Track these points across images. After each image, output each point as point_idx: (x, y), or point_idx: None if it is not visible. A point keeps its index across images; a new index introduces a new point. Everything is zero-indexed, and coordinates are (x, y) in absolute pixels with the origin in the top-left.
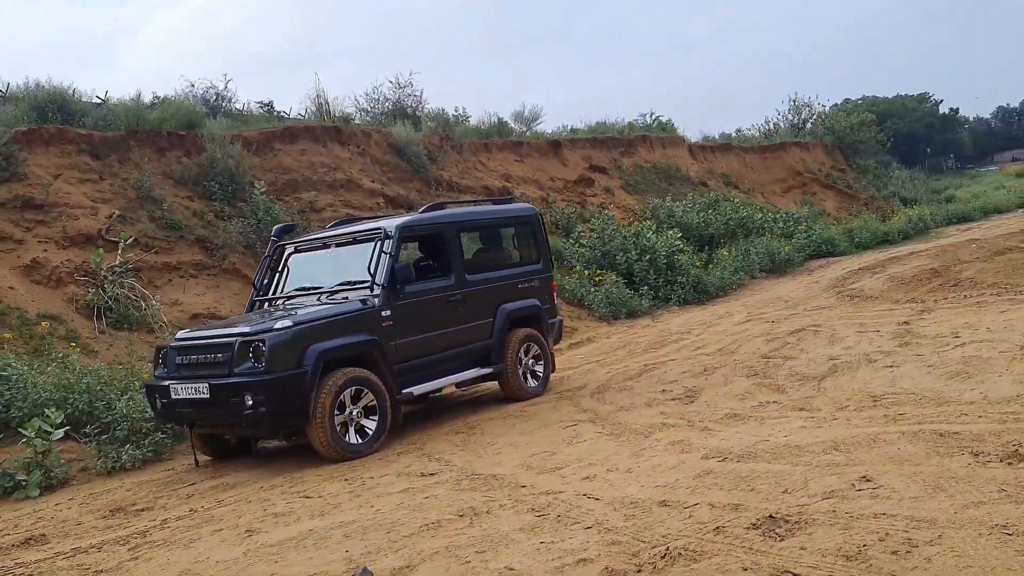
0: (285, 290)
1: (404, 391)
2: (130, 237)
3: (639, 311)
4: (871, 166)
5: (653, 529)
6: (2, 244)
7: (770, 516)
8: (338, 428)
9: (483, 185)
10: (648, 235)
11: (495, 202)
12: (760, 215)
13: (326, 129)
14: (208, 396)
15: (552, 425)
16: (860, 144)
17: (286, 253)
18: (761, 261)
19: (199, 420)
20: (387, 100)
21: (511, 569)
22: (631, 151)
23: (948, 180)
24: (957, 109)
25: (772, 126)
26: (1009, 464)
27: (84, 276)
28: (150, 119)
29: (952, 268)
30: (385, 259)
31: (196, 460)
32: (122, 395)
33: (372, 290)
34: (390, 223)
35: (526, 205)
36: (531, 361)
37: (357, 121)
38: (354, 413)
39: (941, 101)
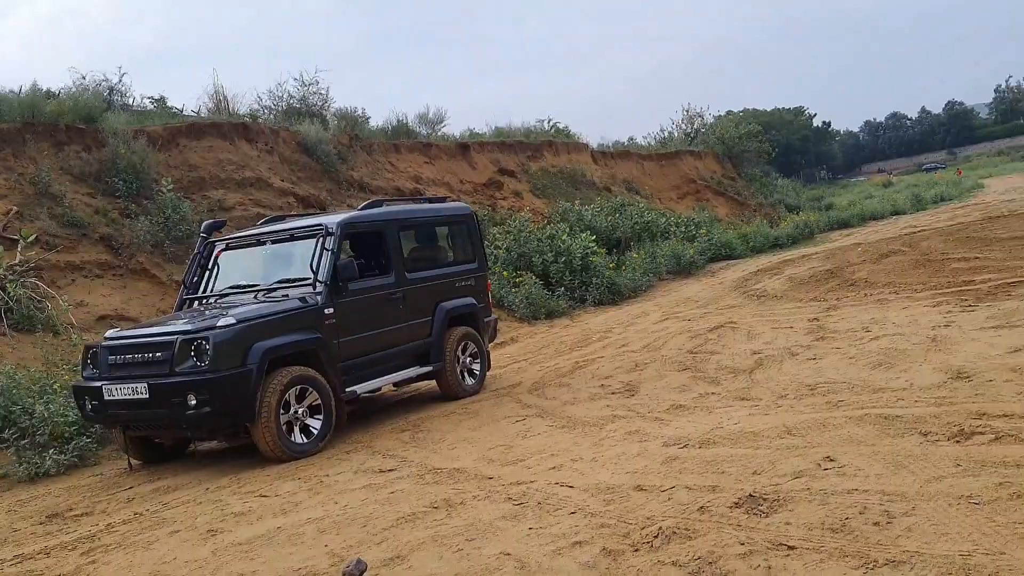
0: (216, 288)
1: (348, 390)
2: (32, 234)
3: (557, 311)
4: (757, 175)
5: (636, 512)
6: None
7: (750, 495)
8: (283, 427)
9: (394, 186)
10: (563, 237)
11: (430, 201)
12: (664, 219)
13: (234, 126)
14: (147, 397)
15: (500, 420)
16: (747, 154)
17: (216, 250)
18: (668, 263)
19: (136, 422)
20: (292, 98)
21: (507, 554)
22: (537, 155)
23: (822, 190)
24: (829, 122)
25: (667, 135)
26: (957, 442)
27: None
28: (46, 112)
29: (845, 269)
30: (327, 256)
31: (129, 464)
32: (39, 398)
33: (315, 288)
34: (331, 220)
35: (462, 204)
36: (468, 359)
37: (261, 119)
38: (299, 412)
39: (815, 115)
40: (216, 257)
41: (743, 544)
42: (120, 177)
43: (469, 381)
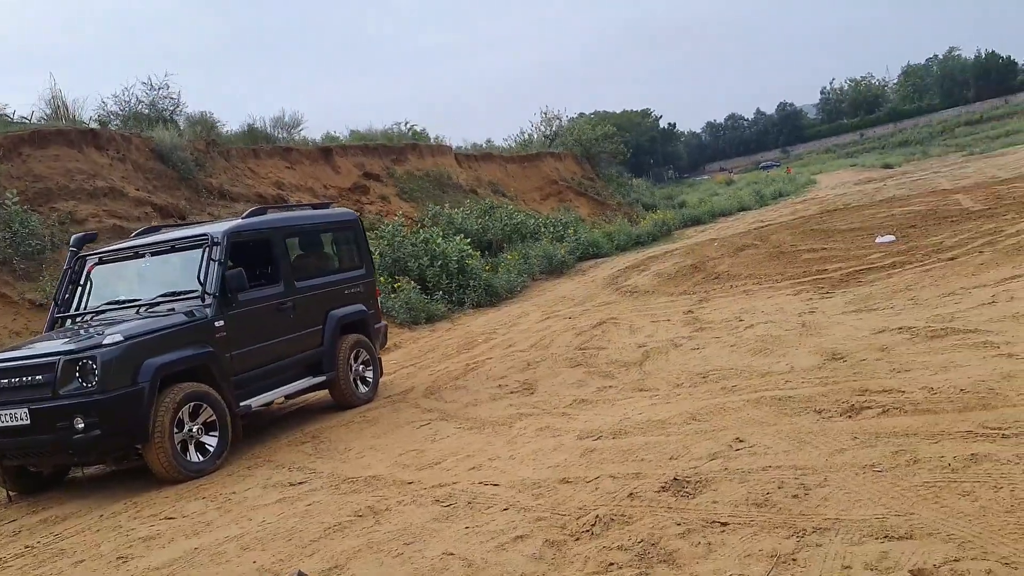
0: (91, 304)
1: (242, 404)
2: None
3: (437, 315)
4: (614, 175)
5: (567, 503)
6: None
7: (674, 479)
8: (178, 447)
9: (256, 192)
10: (438, 241)
11: (314, 207)
12: (533, 221)
13: (81, 133)
14: (28, 422)
15: (403, 426)
16: (604, 155)
17: (88, 264)
18: (540, 264)
19: (15, 450)
20: (140, 103)
21: (450, 554)
22: (402, 159)
23: (671, 188)
24: (675, 124)
25: (527, 137)
26: (849, 417)
27: None
28: None
29: (707, 264)
30: (215, 267)
31: (8, 496)
32: None
33: (203, 300)
34: (216, 229)
35: (347, 210)
36: (361, 367)
37: (110, 126)
38: (194, 430)
39: (661, 116)
40: (88, 272)
41: (679, 524)
42: None
43: (363, 389)
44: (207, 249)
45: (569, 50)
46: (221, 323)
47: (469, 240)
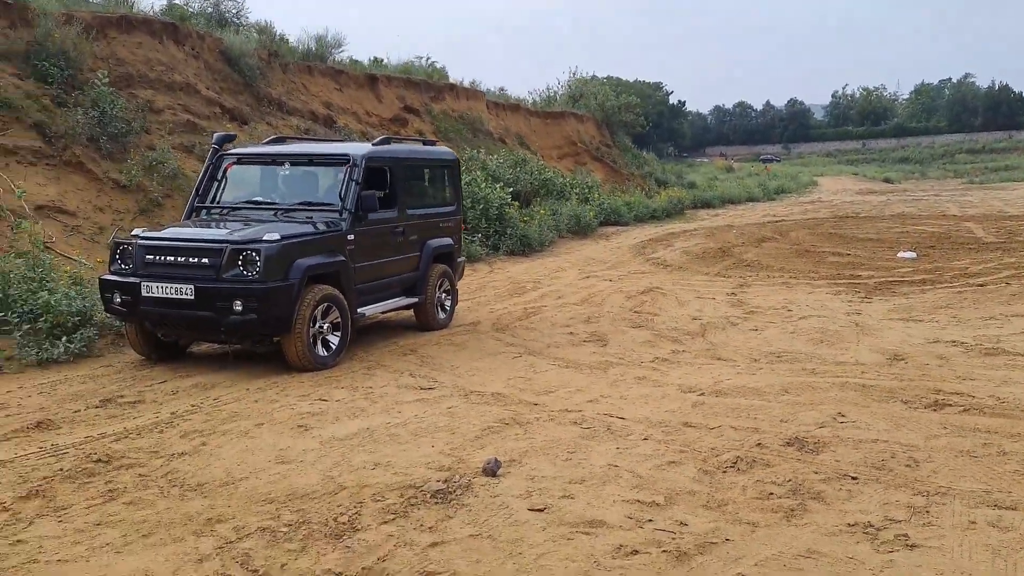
0: (224, 200)
1: (359, 311)
2: None
3: (474, 257)
4: (628, 146)
5: (699, 443)
6: None
7: (795, 437)
8: (311, 340)
9: (309, 109)
10: (480, 185)
11: (424, 143)
12: (561, 179)
13: (164, 25)
14: (192, 298)
15: (496, 355)
16: (623, 124)
17: (226, 163)
18: (568, 223)
19: (169, 320)
20: (206, 2)
21: (615, 466)
22: (439, 98)
23: (671, 166)
24: (685, 102)
25: (552, 93)
26: (935, 410)
27: None
28: None
29: (732, 250)
30: (353, 187)
31: (153, 357)
32: (36, 285)
33: (341, 214)
34: (355, 151)
35: (448, 150)
36: (443, 295)
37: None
38: (323, 328)
39: (672, 92)
40: (226, 170)
41: (816, 473)
42: (51, 62)
43: (442, 315)
44: (348, 169)
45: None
46: (352, 237)
47: (511, 190)
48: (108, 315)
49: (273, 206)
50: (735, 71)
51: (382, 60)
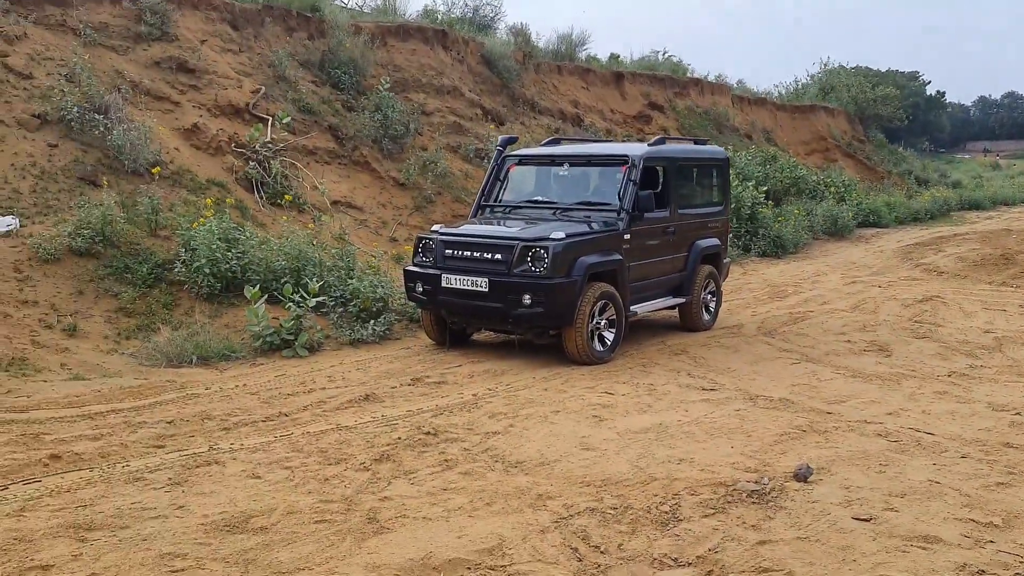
0: (506, 199)
1: (632, 308)
2: (287, 116)
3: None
4: (884, 141)
5: None
6: (161, 104)
7: None
8: (589, 334)
9: (558, 108)
10: (734, 185)
11: (695, 142)
12: (814, 177)
13: (436, 32)
14: (487, 290)
15: (772, 360)
16: (879, 118)
17: (509, 164)
18: (824, 224)
19: (463, 310)
20: (467, 6)
21: (936, 483)
22: (684, 93)
23: (930, 163)
24: (944, 92)
25: (800, 85)
26: None
27: (239, 148)
28: None
29: (1016, 257)
30: (631, 187)
31: (448, 343)
32: (344, 274)
33: (618, 214)
34: (633, 152)
35: (720, 149)
36: (708, 296)
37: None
38: (600, 323)
39: (930, 82)
40: (509, 170)
41: None
42: (342, 69)
43: (706, 316)
44: (627, 170)
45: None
46: (628, 236)
47: (765, 189)
48: (409, 302)
49: (552, 205)
50: (1004, 57)
51: (619, 56)
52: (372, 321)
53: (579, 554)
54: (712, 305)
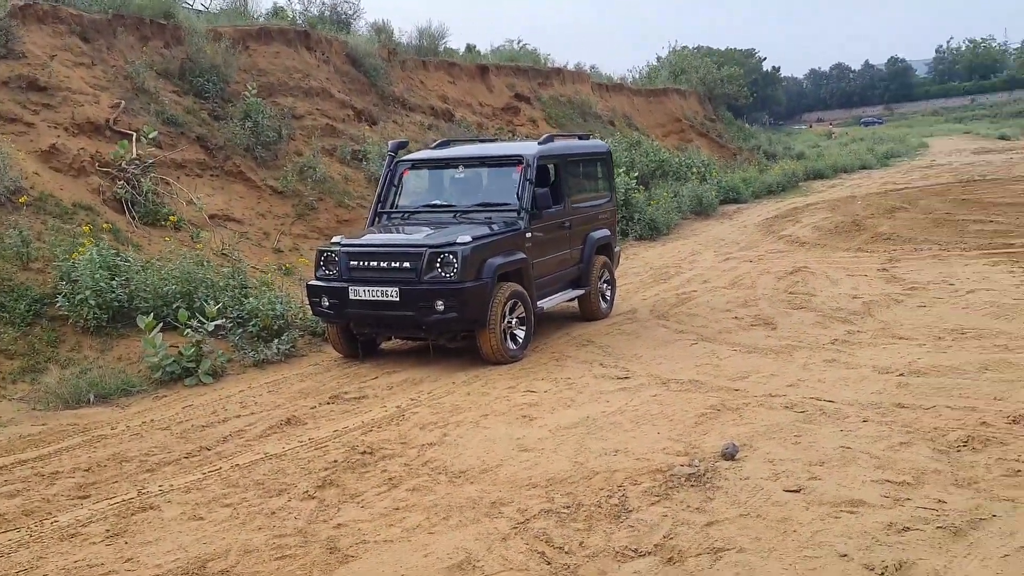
0: (402, 204)
1: (538, 304)
2: (153, 131)
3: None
4: (732, 119)
5: (919, 423)
6: (13, 127)
7: (1019, 415)
8: (502, 335)
9: (428, 104)
10: None
11: (579, 138)
12: (677, 159)
13: (298, 33)
14: (398, 299)
15: (672, 343)
16: (726, 96)
17: (402, 169)
18: (691, 204)
19: (374, 320)
20: (324, 4)
21: (848, 448)
22: (547, 83)
23: (771, 137)
24: (779, 68)
25: (652, 70)
26: None
27: (104, 167)
28: (134, 4)
29: (864, 223)
30: (528, 186)
31: (361, 354)
32: (241, 292)
33: (519, 214)
34: (527, 151)
35: (603, 142)
36: (604, 286)
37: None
38: (511, 323)
39: (765, 58)
40: (402, 176)
41: None
42: (205, 77)
43: (604, 305)
44: (523, 169)
45: None
46: (530, 235)
47: (636, 175)
48: (315, 317)
49: (451, 208)
50: (828, 32)
51: (475, 47)
52: (276, 340)
53: (547, 557)
54: (608, 293)
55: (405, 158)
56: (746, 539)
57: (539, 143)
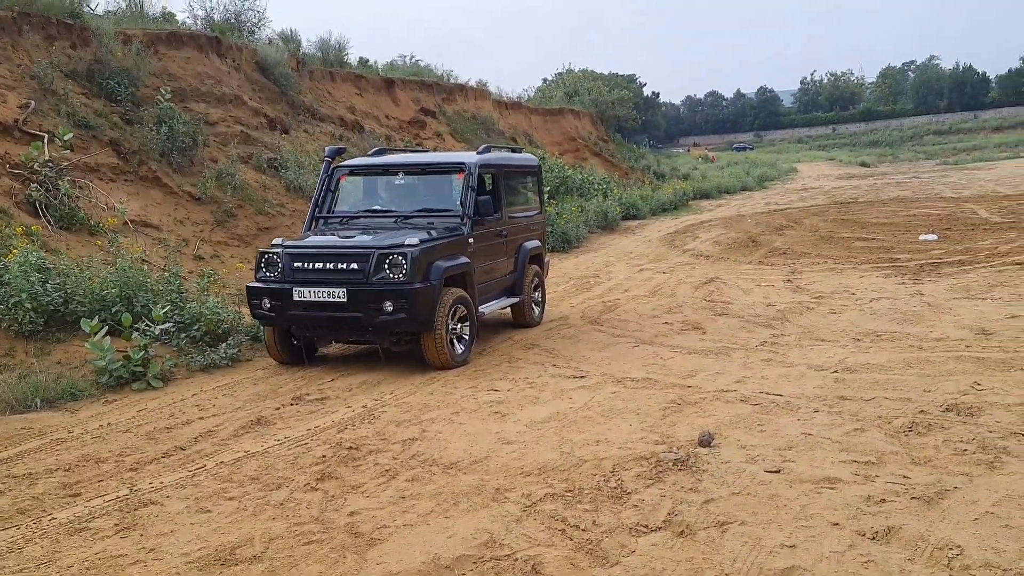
0: (339, 210)
1: (480, 309)
2: (69, 133)
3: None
4: (621, 140)
5: (866, 413)
6: None
7: (950, 404)
8: (448, 338)
9: (337, 115)
10: None
11: (512, 151)
12: (580, 176)
13: (209, 39)
14: (345, 300)
15: (613, 345)
16: (616, 119)
17: (339, 175)
18: (597, 219)
19: (318, 322)
20: (228, 12)
21: (809, 434)
22: (451, 99)
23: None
24: (659, 93)
25: (547, 88)
26: None
27: (15, 169)
28: (40, 2)
29: (759, 239)
30: (471, 193)
31: (306, 358)
32: (179, 296)
33: (461, 219)
34: (468, 160)
35: (532, 156)
36: (536, 293)
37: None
38: (458, 327)
39: (646, 84)
40: (339, 181)
41: (992, 432)
42: (115, 80)
43: (536, 312)
44: (466, 176)
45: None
46: (472, 240)
47: (547, 189)
48: (255, 320)
49: (392, 213)
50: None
51: (368, 61)
52: (223, 344)
53: (567, 535)
54: (540, 301)
55: (343, 164)
56: (744, 514)
57: (478, 153)
